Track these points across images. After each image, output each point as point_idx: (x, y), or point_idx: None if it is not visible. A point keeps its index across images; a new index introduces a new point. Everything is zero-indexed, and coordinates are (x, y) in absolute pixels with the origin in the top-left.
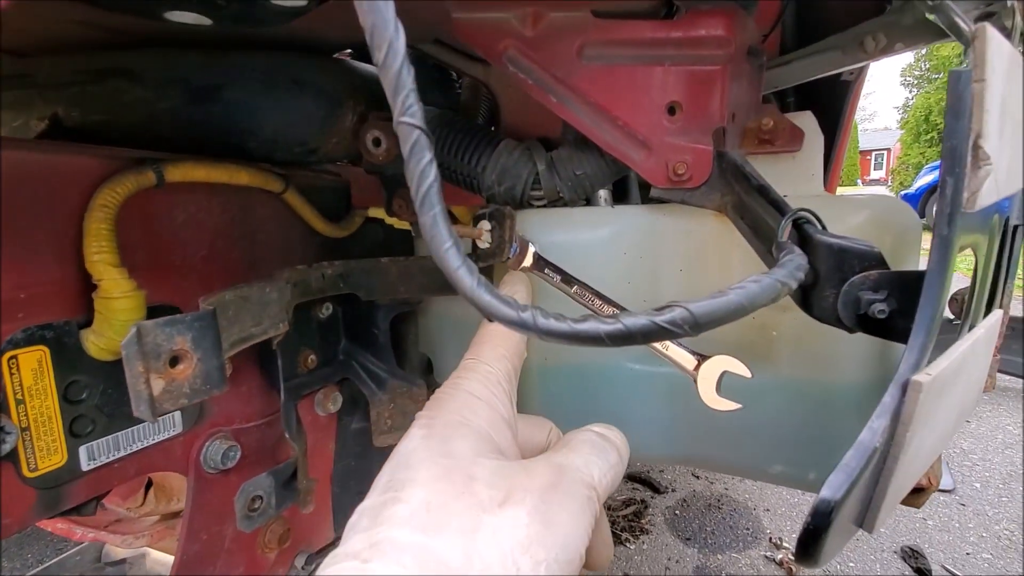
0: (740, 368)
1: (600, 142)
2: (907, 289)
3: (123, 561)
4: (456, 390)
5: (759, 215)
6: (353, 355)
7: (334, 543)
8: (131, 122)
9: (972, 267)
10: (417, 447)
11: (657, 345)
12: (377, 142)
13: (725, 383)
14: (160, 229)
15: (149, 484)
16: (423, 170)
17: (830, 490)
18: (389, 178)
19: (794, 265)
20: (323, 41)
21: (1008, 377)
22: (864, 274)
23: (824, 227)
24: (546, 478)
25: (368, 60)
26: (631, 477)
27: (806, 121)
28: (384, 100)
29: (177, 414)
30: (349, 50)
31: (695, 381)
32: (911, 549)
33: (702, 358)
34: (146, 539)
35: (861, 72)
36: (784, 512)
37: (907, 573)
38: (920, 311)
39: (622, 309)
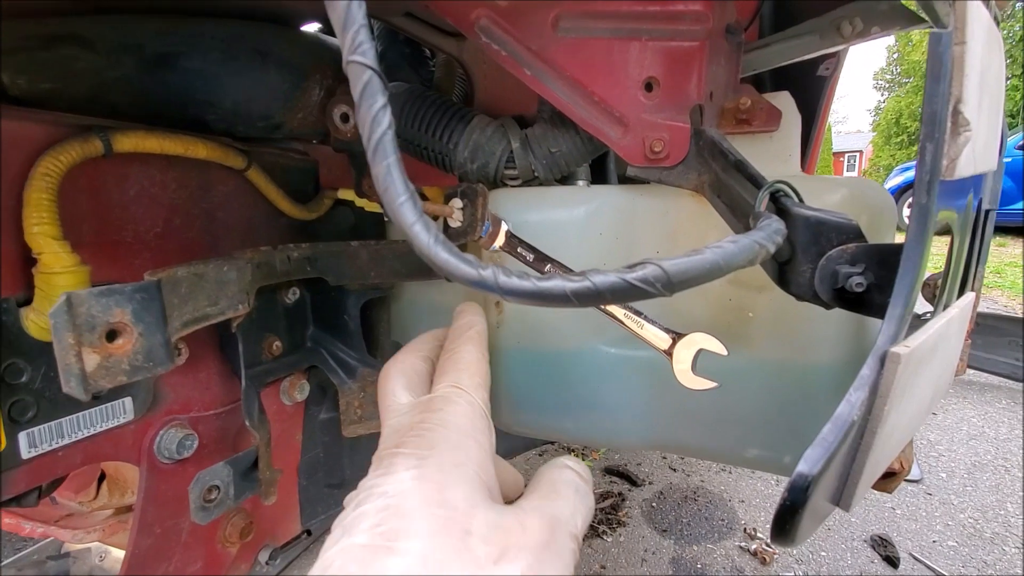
0: (716, 346)
1: (576, 118)
2: (885, 263)
3: (67, 555)
4: (445, 427)
5: (736, 192)
6: (322, 342)
7: (301, 537)
8: (82, 91)
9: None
10: (410, 491)
11: (631, 324)
12: (345, 118)
13: (700, 367)
14: (109, 202)
15: (102, 477)
16: (376, 115)
17: (807, 464)
18: (359, 156)
19: (772, 229)
20: (289, 12)
21: (972, 371)
22: (842, 247)
23: (801, 200)
24: (540, 534)
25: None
26: (609, 470)
27: (784, 101)
28: None
29: (128, 400)
30: (318, 25)
31: (670, 360)
32: (880, 538)
33: (677, 336)
34: (98, 534)
35: (836, 68)
36: (758, 503)
37: (876, 561)
38: (899, 281)
39: None
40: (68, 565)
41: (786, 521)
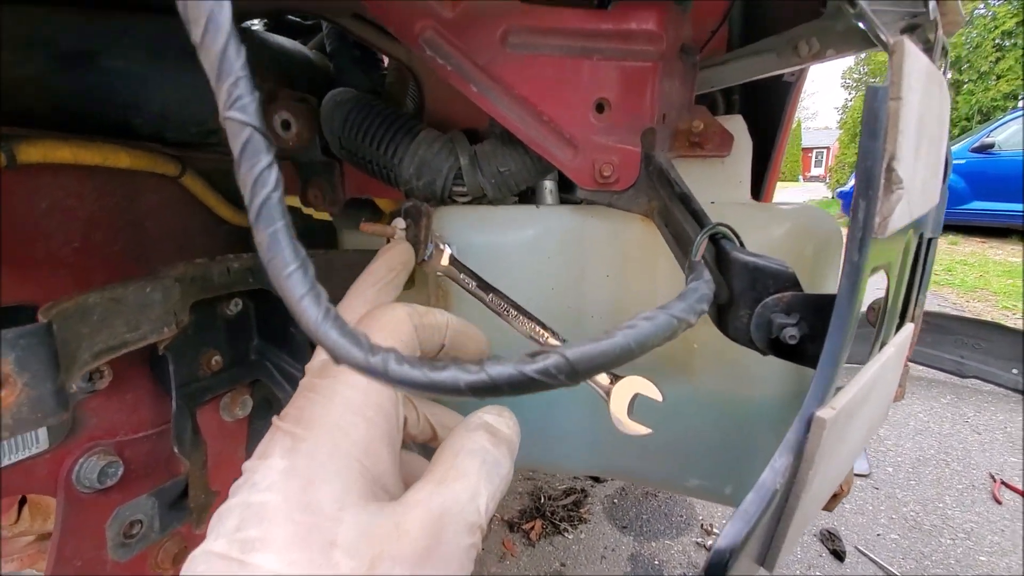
0: (652, 391)
1: (524, 138)
2: (819, 313)
3: None
4: (331, 400)
5: (681, 224)
6: (266, 355)
7: None
8: None
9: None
10: (275, 486)
11: None
12: (287, 125)
13: (638, 407)
14: (14, 218)
15: (23, 500)
16: (259, 176)
17: (726, 540)
18: (304, 165)
19: (696, 297)
20: None
21: (920, 367)
22: (777, 296)
23: (742, 243)
24: (420, 537)
25: (283, 32)
26: None
27: (736, 125)
28: (296, 78)
29: (41, 429)
30: (256, 22)
31: (607, 401)
32: (828, 532)
33: (616, 378)
34: (18, 562)
35: (802, 73)
36: None
37: (824, 555)
38: (828, 341)
39: (538, 322)
40: None
41: None
